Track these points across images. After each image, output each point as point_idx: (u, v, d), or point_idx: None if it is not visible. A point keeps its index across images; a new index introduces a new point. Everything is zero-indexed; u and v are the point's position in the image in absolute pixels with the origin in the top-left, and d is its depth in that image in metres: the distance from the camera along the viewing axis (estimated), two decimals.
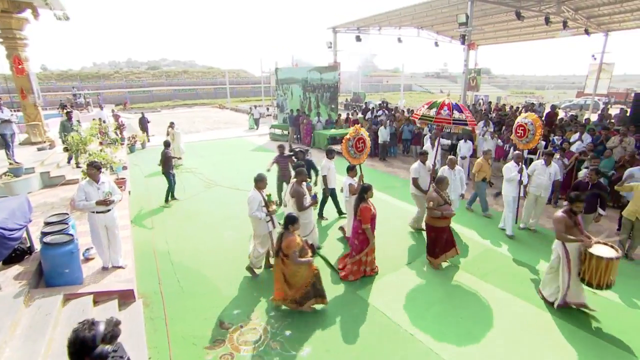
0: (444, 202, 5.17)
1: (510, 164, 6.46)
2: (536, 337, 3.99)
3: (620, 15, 15.44)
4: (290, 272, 4.18)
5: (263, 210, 4.94)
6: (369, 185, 5.01)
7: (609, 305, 4.51)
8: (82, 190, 4.18)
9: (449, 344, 3.87)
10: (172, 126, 11.92)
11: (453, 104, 5.97)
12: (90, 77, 46.55)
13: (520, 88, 68.34)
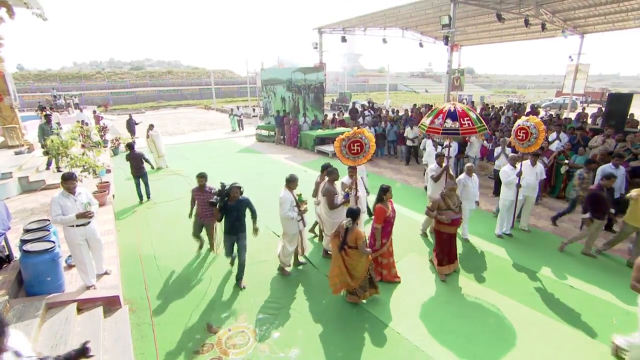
0: (446, 207, 4.98)
1: (507, 168, 6.36)
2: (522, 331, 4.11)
3: (594, 18, 15.99)
4: (353, 264, 4.38)
5: (294, 210, 5.01)
6: (388, 186, 4.94)
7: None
8: (57, 204, 3.96)
9: (436, 341, 3.96)
10: (151, 128, 11.69)
11: (451, 110, 5.44)
12: (71, 77, 45.24)
13: (502, 87, 69.88)
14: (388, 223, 4.97)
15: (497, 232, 6.54)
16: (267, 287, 5.02)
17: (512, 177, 6.17)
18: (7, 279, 4.07)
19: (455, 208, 5.03)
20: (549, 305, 4.56)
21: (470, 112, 5.47)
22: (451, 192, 5.09)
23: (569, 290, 4.89)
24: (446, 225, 5.05)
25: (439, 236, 5.18)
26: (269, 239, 6.40)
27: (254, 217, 4.86)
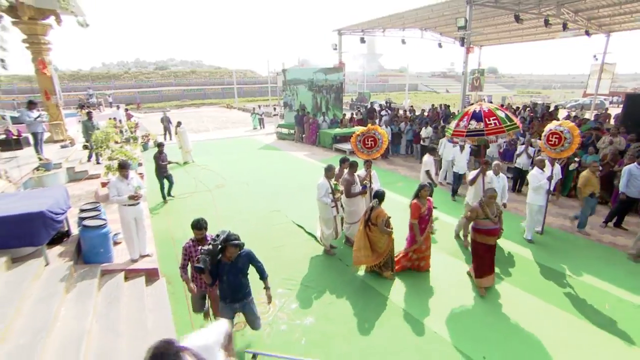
0: (485, 216, 4.73)
1: (535, 171, 6.17)
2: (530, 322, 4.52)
3: (621, 16, 15.75)
4: (375, 239, 5.01)
5: (329, 196, 5.64)
6: (425, 184, 5.22)
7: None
8: (114, 187, 4.78)
9: (436, 316, 4.43)
10: (179, 125, 12.58)
11: (476, 111, 5.28)
12: (101, 77, 47.65)
13: (527, 87, 68.17)
14: (423, 220, 5.11)
15: (527, 237, 6.38)
16: (285, 267, 5.60)
17: (542, 181, 5.98)
18: (69, 249, 4.83)
19: (494, 217, 4.72)
20: (581, 308, 4.57)
21: (497, 112, 5.23)
22: (490, 199, 4.77)
23: (596, 291, 4.95)
24: (484, 236, 4.80)
25: (476, 247, 4.91)
26: (288, 228, 7.02)
27: (262, 276, 3.65)
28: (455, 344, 3.98)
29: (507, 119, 5.18)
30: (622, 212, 6.88)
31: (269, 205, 8.16)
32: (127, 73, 52.59)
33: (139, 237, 5.07)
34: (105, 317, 3.78)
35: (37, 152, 8.46)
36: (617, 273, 5.36)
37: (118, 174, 4.83)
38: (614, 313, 4.46)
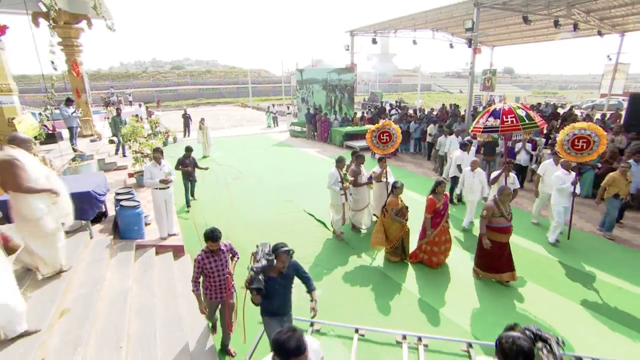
0: (500, 214, 4.79)
1: (560, 172, 6.03)
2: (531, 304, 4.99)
3: (634, 16, 15.78)
4: (387, 225, 5.52)
5: (338, 185, 6.23)
6: (442, 180, 5.35)
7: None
8: (148, 171, 5.50)
9: (432, 292, 4.95)
10: (203, 122, 13.40)
11: (496, 109, 5.33)
12: (120, 76, 49.43)
13: (543, 88, 67.15)
14: (438, 214, 5.29)
15: (551, 240, 6.29)
16: (297, 249, 6.09)
17: (567, 184, 5.86)
18: (107, 227, 5.55)
19: (507, 215, 4.82)
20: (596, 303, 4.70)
21: (517, 110, 5.24)
22: (505, 197, 4.82)
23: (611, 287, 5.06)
24: (497, 233, 4.86)
25: (483, 247, 4.92)
26: (299, 216, 7.62)
27: (310, 288, 3.39)
28: (443, 310, 4.51)
29: (527, 118, 5.19)
30: (621, 208, 7.14)
31: (281, 196, 8.79)
32: (145, 72, 54.36)
33: (168, 217, 5.75)
34: (142, 281, 4.45)
35: (72, 145, 9.31)
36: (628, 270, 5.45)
37: (153, 160, 5.51)
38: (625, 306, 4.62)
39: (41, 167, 3.61)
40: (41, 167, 3.61)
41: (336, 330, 4.26)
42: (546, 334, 2.00)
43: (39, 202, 3.42)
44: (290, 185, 9.74)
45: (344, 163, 6.43)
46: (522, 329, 2.00)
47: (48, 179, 3.56)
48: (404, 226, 5.54)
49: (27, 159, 3.42)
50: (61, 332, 3.12)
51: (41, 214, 3.41)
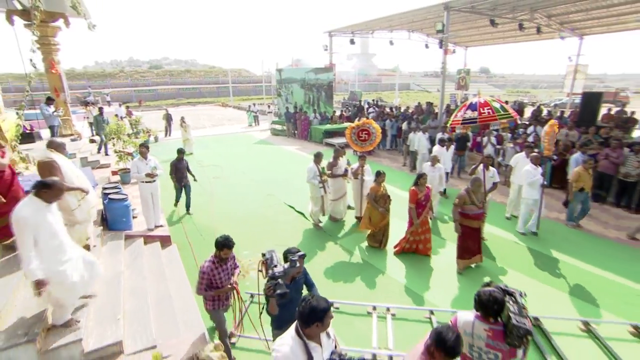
0: (471, 202, 5.16)
1: (530, 167, 6.41)
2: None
3: (590, 21, 16.95)
4: (370, 209, 6.01)
5: (317, 178, 6.68)
6: (423, 173, 5.81)
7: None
8: (135, 165, 5.83)
9: (398, 269, 5.49)
10: (184, 120, 13.59)
11: (473, 103, 5.69)
12: (97, 76, 48.15)
13: (517, 87, 69.89)
14: (420, 205, 5.62)
15: (520, 230, 6.73)
16: (279, 238, 6.62)
17: (536, 176, 6.26)
18: (96, 220, 5.77)
19: (479, 203, 5.20)
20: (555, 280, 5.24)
21: (493, 103, 5.62)
22: (477, 187, 5.20)
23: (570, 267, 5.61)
24: (470, 219, 5.23)
25: (462, 228, 5.26)
26: (280, 208, 8.05)
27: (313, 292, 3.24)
28: (409, 285, 5.06)
29: (502, 109, 5.57)
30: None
31: (263, 191, 9.18)
32: (122, 72, 53.10)
33: (154, 210, 6.06)
34: (132, 266, 4.78)
35: None
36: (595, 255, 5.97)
37: (139, 155, 5.82)
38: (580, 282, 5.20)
39: (73, 169, 4.21)
40: (73, 169, 4.21)
41: None
42: (512, 289, 2.51)
43: (72, 197, 4.05)
44: (271, 180, 10.14)
45: (321, 158, 6.91)
46: (495, 285, 2.51)
47: (78, 178, 4.21)
48: (385, 216, 5.96)
49: (62, 161, 4.10)
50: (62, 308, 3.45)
51: (74, 206, 4.08)
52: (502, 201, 8.22)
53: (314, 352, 2.09)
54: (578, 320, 4.34)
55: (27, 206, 2.87)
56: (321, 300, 2.12)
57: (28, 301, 3.31)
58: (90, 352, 3.11)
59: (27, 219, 2.80)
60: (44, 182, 3.00)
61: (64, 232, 3.18)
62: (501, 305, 2.38)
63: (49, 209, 3.02)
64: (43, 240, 2.90)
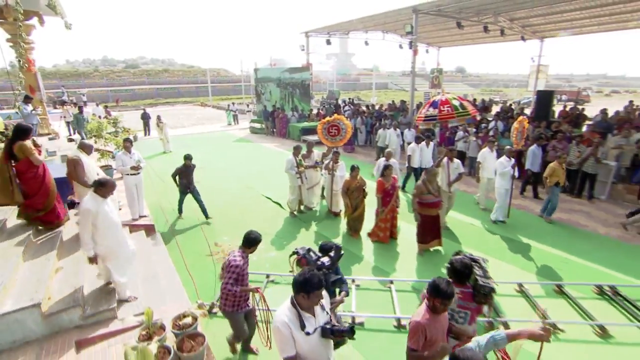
0: (427, 191, 5.55)
1: (503, 159, 6.86)
2: None
3: (549, 25, 18.25)
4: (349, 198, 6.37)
5: (294, 169, 7.15)
6: (390, 165, 6.16)
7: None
8: (119, 159, 6.22)
9: (356, 244, 6.11)
10: (160, 119, 13.83)
11: (435, 100, 5.98)
12: (70, 75, 46.84)
13: (491, 86, 72.57)
14: (387, 194, 6.03)
15: (493, 218, 7.20)
16: (257, 225, 7.07)
17: (507, 168, 6.73)
18: None
19: (435, 192, 5.60)
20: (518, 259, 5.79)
21: (453, 101, 5.96)
22: (432, 176, 5.60)
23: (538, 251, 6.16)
24: (427, 207, 5.62)
25: (421, 217, 5.68)
26: (258, 199, 8.57)
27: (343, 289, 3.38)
28: (368, 258, 5.70)
29: (461, 107, 5.98)
30: (531, 184, 8.74)
31: (242, 184, 9.66)
32: (97, 71, 51.87)
33: (139, 201, 6.46)
34: None
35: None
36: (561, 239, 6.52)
37: (123, 149, 6.21)
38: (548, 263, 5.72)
39: (95, 166, 4.92)
40: (95, 166, 4.92)
41: (287, 279, 5.24)
42: (477, 257, 2.94)
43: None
44: (250, 175, 10.63)
45: (299, 150, 7.45)
46: (463, 254, 2.95)
47: (98, 175, 4.99)
48: (359, 206, 6.36)
49: (86, 159, 4.95)
50: (59, 281, 3.88)
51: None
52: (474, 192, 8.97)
53: (307, 322, 2.31)
54: (514, 283, 5.08)
55: (89, 200, 3.63)
56: (315, 278, 2.29)
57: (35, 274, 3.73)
58: (87, 316, 3.56)
59: (89, 210, 3.56)
60: (100, 182, 3.73)
61: (118, 219, 3.94)
62: (470, 269, 2.77)
63: (105, 202, 3.74)
64: (102, 227, 3.66)
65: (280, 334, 2.25)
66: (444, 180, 6.64)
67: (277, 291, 5.01)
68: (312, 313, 2.37)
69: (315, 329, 2.33)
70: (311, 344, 2.31)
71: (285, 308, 2.34)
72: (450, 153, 6.71)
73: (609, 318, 4.37)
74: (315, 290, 2.27)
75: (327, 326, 2.39)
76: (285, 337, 2.24)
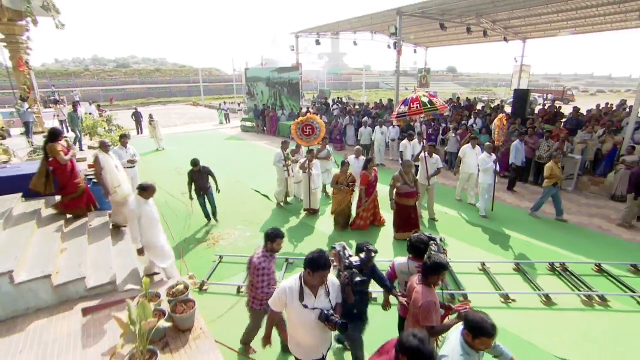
0: (404, 182, 5.92)
1: (485, 155, 7.20)
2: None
3: (530, 26, 19.00)
4: (334, 195, 6.73)
5: (282, 162, 7.58)
6: (372, 158, 6.60)
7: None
8: (116, 153, 6.63)
9: (354, 239, 6.64)
10: (152, 117, 14.23)
11: (407, 99, 6.33)
12: (60, 75, 46.62)
13: (480, 86, 73.81)
14: (370, 186, 6.38)
15: (482, 214, 7.47)
16: (245, 215, 7.64)
17: (489, 164, 7.10)
18: None
19: (410, 183, 5.94)
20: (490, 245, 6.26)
21: (423, 98, 6.25)
22: (408, 168, 5.96)
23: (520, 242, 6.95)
24: (404, 198, 5.96)
25: (397, 207, 6.03)
26: (248, 193, 9.07)
27: (389, 288, 3.32)
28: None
29: (429, 104, 6.28)
30: (514, 179, 9.21)
31: (232, 179, 10.14)
32: (88, 71, 51.67)
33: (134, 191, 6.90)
34: (117, 236, 5.66)
35: (28, 139, 9.87)
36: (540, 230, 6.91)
37: (119, 145, 6.66)
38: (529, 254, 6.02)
39: (112, 164, 5.60)
40: (112, 164, 5.60)
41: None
42: (434, 236, 3.17)
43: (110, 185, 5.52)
44: (240, 170, 11.11)
45: (287, 145, 7.93)
46: (421, 234, 3.25)
47: (118, 168, 5.65)
48: (346, 196, 6.64)
49: (104, 157, 5.56)
50: (65, 259, 4.33)
51: (112, 192, 5.57)
52: (452, 185, 9.58)
53: (306, 297, 2.49)
54: (478, 262, 5.65)
55: (134, 202, 4.30)
56: (322, 260, 2.45)
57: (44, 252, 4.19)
58: (91, 289, 4.03)
59: (134, 211, 4.22)
60: (142, 187, 4.37)
61: (158, 218, 4.57)
62: (426, 244, 3.03)
63: (147, 203, 4.36)
64: (144, 224, 4.32)
65: (279, 295, 2.57)
66: (423, 173, 7.10)
67: None
68: (314, 293, 2.52)
69: (314, 308, 2.50)
70: (305, 318, 2.51)
71: (293, 279, 2.60)
72: (429, 148, 7.15)
73: (555, 290, 4.95)
74: (319, 270, 2.43)
75: (325, 312, 2.50)
76: (280, 298, 2.56)
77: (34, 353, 3.12)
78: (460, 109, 15.46)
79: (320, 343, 2.66)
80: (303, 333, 2.58)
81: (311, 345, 2.64)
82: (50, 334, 3.38)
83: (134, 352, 2.95)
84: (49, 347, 3.19)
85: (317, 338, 2.61)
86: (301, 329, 2.56)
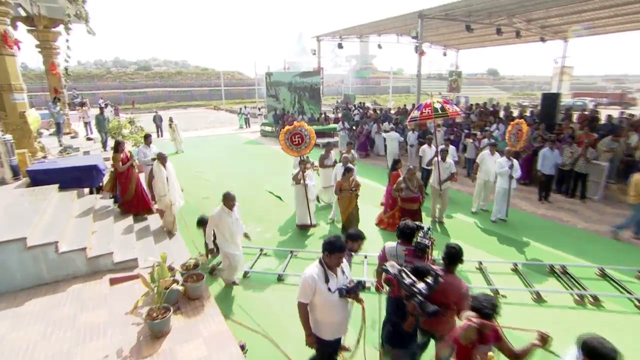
0: (406, 187, 6.51)
1: (503, 160, 7.61)
2: None
3: (569, 25, 19.12)
4: (339, 201, 7.04)
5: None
6: (399, 159, 7.40)
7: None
8: (142, 152, 7.88)
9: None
10: (172, 120, 15.69)
11: (421, 104, 6.87)
12: (82, 77, 50.26)
13: (525, 90, 72.37)
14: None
15: (492, 218, 8.00)
16: (258, 212, 8.59)
17: (504, 168, 7.49)
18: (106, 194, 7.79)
19: (414, 188, 6.46)
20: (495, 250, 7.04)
21: (435, 104, 6.70)
22: (411, 175, 6.54)
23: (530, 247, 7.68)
24: (407, 202, 6.51)
25: (401, 211, 6.50)
26: (261, 193, 10.08)
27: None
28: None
29: (441, 110, 6.85)
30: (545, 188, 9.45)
31: (247, 180, 11.21)
32: (109, 73, 55.32)
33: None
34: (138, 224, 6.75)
35: (58, 138, 11.40)
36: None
37: (144, 144, 7.87)
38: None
39: (163, 175, 6.70)
40: (163, 175, 6.70)
41: (277, 252, 6.66)
42: (422, 225, 3.72)
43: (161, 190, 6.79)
44: (257, 173, 12.17)
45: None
46: (410, 221, 3.76)
47: (169, 173, 6.81)
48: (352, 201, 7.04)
49: (159, 167, 6.68)
50: (96, 238, 5.42)
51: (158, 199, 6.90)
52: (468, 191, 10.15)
53: (330, 278, 2.98)
54: (476, 261, 6.26)
55: (216, 210, 5.04)
56: (338, 242, 2.98)
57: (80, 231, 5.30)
58: (117, 263, 5.07)
59: (214, 217, 5.00)
60: (223, 196, 5.09)
61: (236, 228, 5.22)
62: (412, 229, 3.61)
63: (229, 213, 5.06)
64: (222, 232, 5.07)
65: (306, 283, 2.95)
66: (435, 178, 7.64)
67: (269, 262, 6.43)
68: (335, 273, 3.04)
69: (336, 289, 2.96)
70: (331, 301, 2.95)
71: (314, 266, 3.03)
72: (442, 153, 7.67)
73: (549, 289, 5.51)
74: (336, 252, 2.94)
75: (343, 289, 2.96)
76: (308, 288, 2.94)
77: (74, 305, 4.14)
78: (486, 114, 15.90)
79: (344, 320, 3.18)
80: (329, 314, 3.04)
81: (337, 322, 3.13)
82: (85, 293, 4.41)
83: (152, 307, 3.90)
84: (85, 302, 4.21)
85: (341, 316, 3.10)
86: (327, 311, 3.02)
